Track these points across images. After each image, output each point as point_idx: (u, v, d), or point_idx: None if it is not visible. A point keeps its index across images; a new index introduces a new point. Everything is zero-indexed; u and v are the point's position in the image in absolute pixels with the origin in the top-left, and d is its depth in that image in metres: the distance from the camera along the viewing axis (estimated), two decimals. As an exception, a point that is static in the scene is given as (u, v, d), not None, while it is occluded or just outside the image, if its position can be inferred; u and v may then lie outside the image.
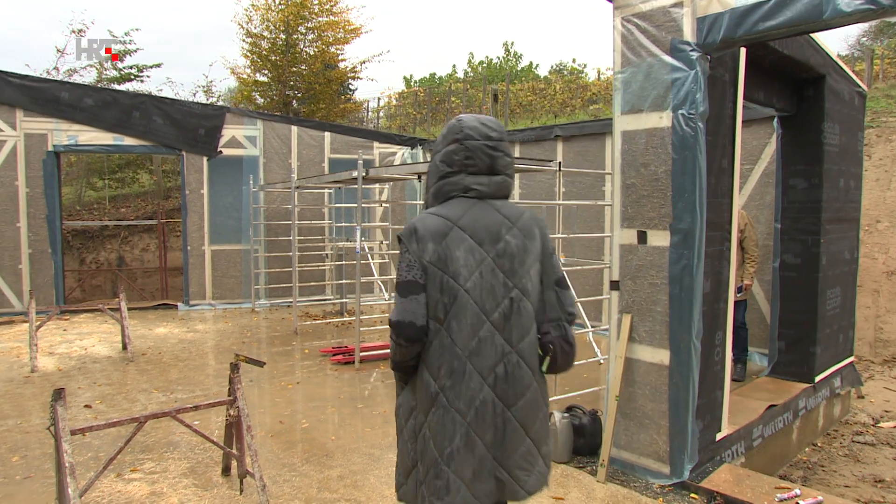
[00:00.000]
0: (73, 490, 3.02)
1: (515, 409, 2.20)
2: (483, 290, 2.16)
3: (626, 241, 4.09)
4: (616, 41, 4.06)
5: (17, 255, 9.95)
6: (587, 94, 19.59)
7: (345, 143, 11.90)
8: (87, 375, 6.58)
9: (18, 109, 9.89)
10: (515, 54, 32.50)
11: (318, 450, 4.56)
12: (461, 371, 2.14)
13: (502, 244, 2.20)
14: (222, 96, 20.73)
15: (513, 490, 2.21)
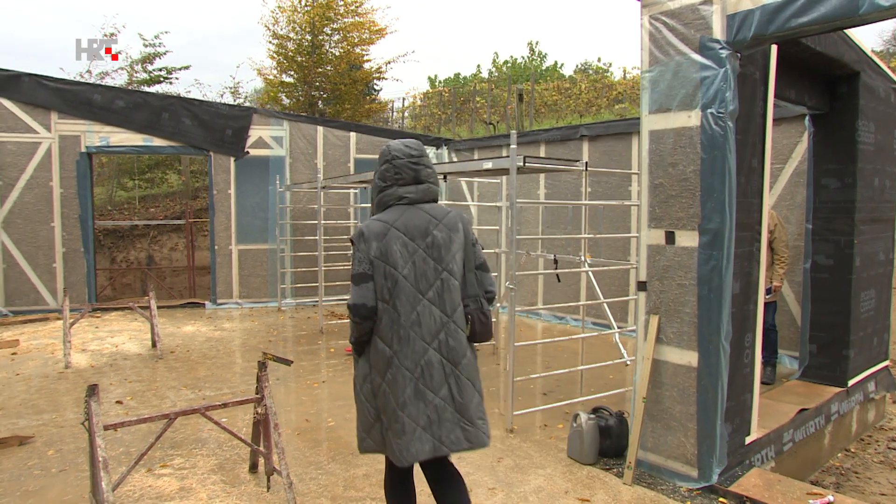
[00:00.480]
0: (106, 484, 3.08)
1: (461, 368, 2.76)
2: (417, 275, 2.73)
3: (654, 241, 4.05)
4: (644, 40, 4.02)
5: (52, 254, 10.18)
6: (613, 93, 19.42)
7: (370, 143, 11.96)
8: (118, 372, 6.70)
9: (53, 112, 10.12)
10: (540, 54, 32.34)
11: (343, 448, 4.59)
12: (406, 338, 2.69)
13: (430, 238, 2.77)
14: (249, 97, 20.96)
15: (478, 437, 2.76)
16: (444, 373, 2.72)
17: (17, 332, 8.72)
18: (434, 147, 12.55)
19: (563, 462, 4.38)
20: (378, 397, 2.77)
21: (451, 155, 12.34)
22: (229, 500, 3.76)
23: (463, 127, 18.09)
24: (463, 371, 2.75)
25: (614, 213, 9.14)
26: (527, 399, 5.85)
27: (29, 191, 10.05)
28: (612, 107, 18.10)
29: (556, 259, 6.52)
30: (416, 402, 2.68)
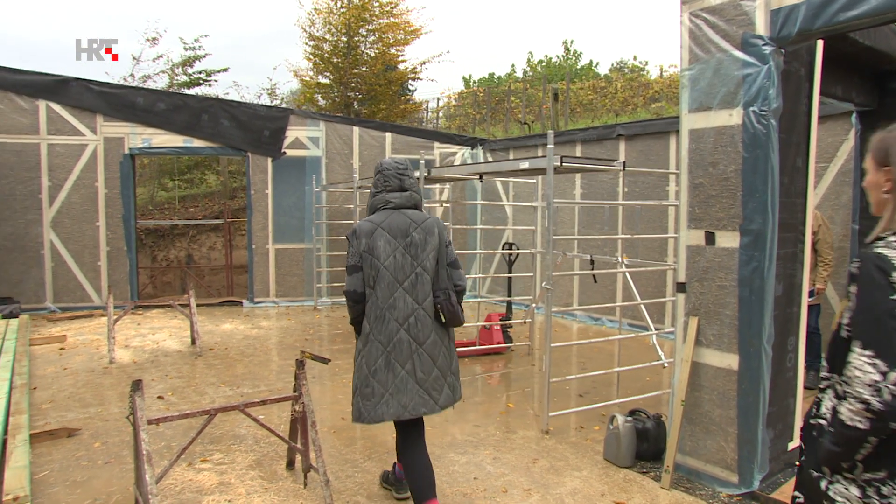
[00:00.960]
0: (150, 477, 3.15)
1: (425, 346, 3.28)
2: (396, 267, 3.26)
3: (694, 242, 3.99)
4: (683, 37, 3.95)
5: (97, 253, 10.47)
6: (649, 91, 19.14)
7: (405, 143, 12.02)
8: (159, 368, 6.86)
9: (98, 115, 10.40)
10: (575, 52, 32.06)
11: (379, 447, 4.62)
12: (382, 318, 3.24)
13: (409, 238, 3.30)
14: (285, 98, 21.24)
15: (430, 405, 3.27)
16: (410, 350, 3.25)
17: (65, 328, 8.99)
18: (469, 147, 12.55)
19: (600, 464, 4.33)
20: (359, 370, 3.32)
21: (487, 155, 12.32)
22: (267, 496, 3.82)
23: (497, 127, 18.04)
24: (426, 350, 3.28)
25: (651, 213, 9.02)
26: (562, 400, 5.81)
27: (76, 191, 10.35)
28: (648, 106, 17.84)
29: (593, 259, 6.46)
30: (387, 372, 3.22)
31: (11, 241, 10.12)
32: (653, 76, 22.90)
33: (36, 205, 10.20)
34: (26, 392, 5.49)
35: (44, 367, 6.88)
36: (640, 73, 25.56)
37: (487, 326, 7.55)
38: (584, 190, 10.08)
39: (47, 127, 10.21)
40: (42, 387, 6.12)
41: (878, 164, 1.84)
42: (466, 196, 12.09)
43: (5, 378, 5.67)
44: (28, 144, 10.14)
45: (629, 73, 25.41)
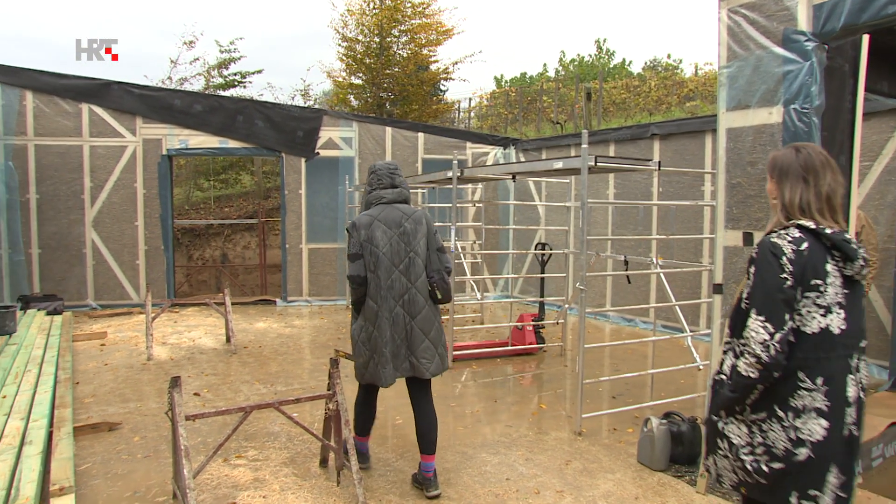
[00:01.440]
0: (188, 471, 3.21)
1: (416, 321, 3.79)
2: (392, 253, 3.78)
3: (731, 242, 3.91)
4: (721, 34, 3.88)
5: (135, 252, 10.71)
6: (683, 90, 18.84)
7: (438, 143, 12.04)
8: (195, 365, 6.98)
9: (138, 117, 10.65)
10: (608, 51, 31.71)
11: (411, 446, 4.63)
12: (383, 297, 3.75)
13: (402, 228, 3.82)
14: (318, 99, 21.45)
15: (420, 370, 3.77)
16: (404, 322, 3.78)
17: (105, 325, 9.22)
18: (501, 147, 12.52)
19: (633, 467, 4.28)
20: (373, 342, 3.77)
21: (519, 155, 12.28)
22: (301, 492, 3.86)
23: (530, 126, 17.96)
24: (417, 323, 3.79)
25: (686, 213, 8.88)
26: (595, 402, 5.76)
27: (116, 192, 10.61)
28: (682, 104, 17.57)
29: (627, 260, 6.39)
30: (391, 342, 3.75)
31: (55, 241, 10.42)
32: (687, 74, 22.55)
33: (78, 205, 10.48)
34: (70, 386, 5.64)
35: (86, 362, 7.06)
36: (674, 71, 25.17)
37: (520, 327, 7.52)
38: (617, 190, 9.97)
39: (89, 129, 10.49)
40: (84, 381, 6.28)
41: (769, 176, 2.35)
42: (499, 196, 12.06)
43: (50, 373, 5.84)
44: (71, 146, 10.42)
45: (663, 72, 25.06)
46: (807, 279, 2.11)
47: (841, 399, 2.11)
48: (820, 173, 2.22)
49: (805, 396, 2.10)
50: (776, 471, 2.11)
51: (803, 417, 2.10)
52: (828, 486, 2.09)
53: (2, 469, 3.65)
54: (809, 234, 2.16)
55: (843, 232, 2.18)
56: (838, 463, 2.10)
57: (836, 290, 2.13)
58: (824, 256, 2.14)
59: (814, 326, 2.11)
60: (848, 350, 2.14)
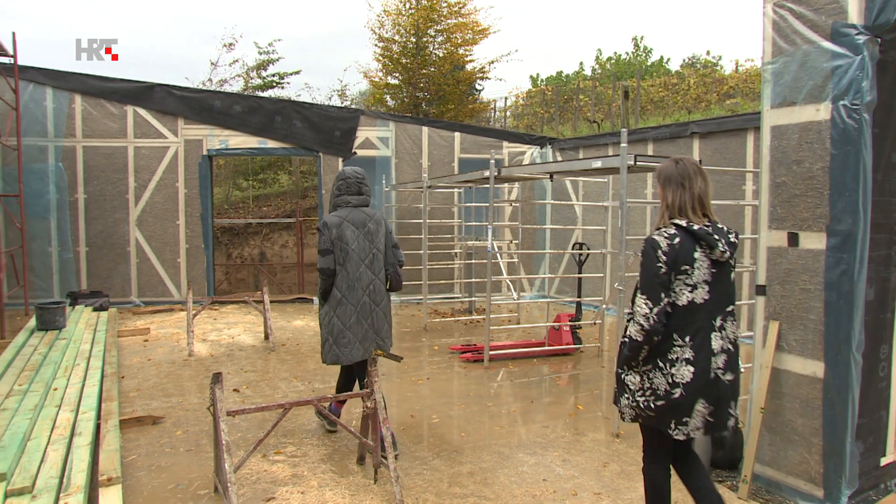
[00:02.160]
0: (229, 466, 3.27)
1: (380, 307, 4.46)
2: (359, 249, 4.36)
3: (775, 243, 3.82)
4: (766, 29, 3.79)
5: (177, 250, 10.96)
6: (723, 87, 18.47)
7: (474, 142, 12.03)
8: (234, 362, 7.11)
9: (180, 118, 10.90)
10: (645, 49, 31.27)
11: (447, 445, 4.65)
12: (351, 287, 4.34)
13: (366, 228, 4.41)
14: (355, 99, 21.63)
15: (384, 348, 4.38)
16: (369, 309, 4.41)
17: (148, 321, 9.45)
18: (538, 146, 12.44)
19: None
20: (331, 326, 4.35)
21: (556, 154, 12.19)
22: (338, 489, 3.89)
23: (566, 125, 17.83)
24: (380, 309, 4.46)
25: (726, 213, 8.70)
26: (632, 404, 5.68)
27: (158, 191, 10.87)
28: (722, 102, 17.22)
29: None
30: (357, 326, 4.36)
31: (102, 239, 10.73)
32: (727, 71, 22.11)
33: (123, 204, 10.77)
34: (116, 380, 5.80)
35: (130, 357, 7.25)
36: (713, 68, 24.71)
37: (556, 327, 7.47)
38: (655, 189, 9.82)
39: (134, 131, 10.78)
40: (129, 376, 6.45)
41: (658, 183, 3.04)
42: (536, 195, 12.00)
43: (97, 367, 6.02)
44: (117, 147, 10.72)
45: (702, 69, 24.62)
46: (678, 265, 2.78)
47: (706, 350, 2.79)
48: (693, 179, 2.90)
49: (677, 351, 2.80)
50: (659, 406, 2.82)
51: (677, 366, 2.79)
52: (696, 413, 2.79)
53: (55, 458, 3.77)
54: (682, 231, 2.83)
55: (709, 226, 2.85)
56: (704, 396, 2.79)
57: (702, 271, 2.81)
58: (693, 247, 2.80)
59: (683, 300, 2.80)
60: (712, 314, 2.83)
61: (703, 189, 2.92)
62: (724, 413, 2.86)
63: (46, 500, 3.27)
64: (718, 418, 2.84)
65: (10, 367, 5.96)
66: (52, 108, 10.55)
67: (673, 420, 2.80)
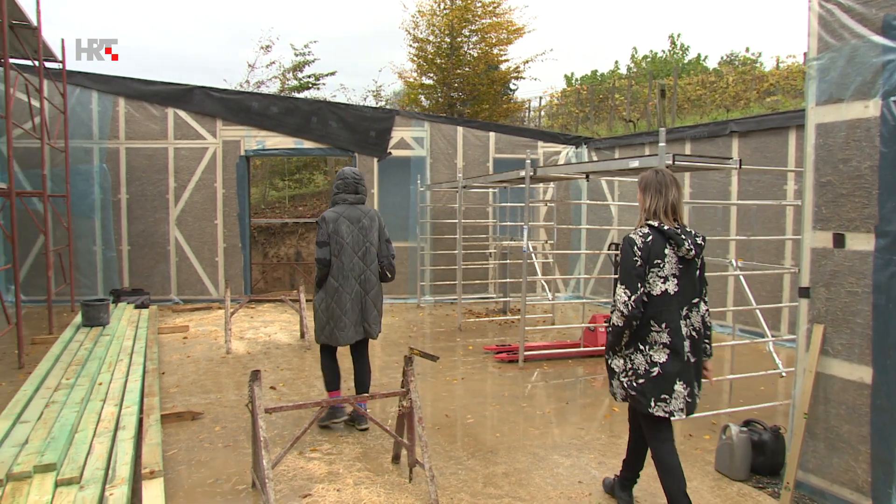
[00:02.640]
0: (266, 462, 3.32)
1: (370, 295, 4.87)
2: (353, 242, 4.79)
3: (819, 244, 3.72)
4: (812, 24, 3.70)
5: (215, 249, 11.17)
6: (763, 85, 18.07)
7: (509, 142, 12.00)
8: (271, 360, 7.21)
9: (218, 119, 11.10)
10: (682, 46, 30.77)
11: (482, 445, 4.64)
12: (345, 276, 4.76)
13: (360, 223, 4.84)
14: (389, 100, 21.75)
15: (371, 333, 4.90)
16: (361, 296, 4.84)
17: (187, 319, 9.64)
18: (573, 146, 12.34)
19: (711, 476, 4.14)
20: (330, 311, 4.78)
21: (591, 154, 12.08)
22: (374, 487, 3.92)
23: (601, 125, 17.65)
24: (370, 297, 4.87)
25: (766, 213, 8.52)
26: (670, 407, 5.60)
27: (197, 191, 11.09)
28: (762, 100, 16.84)
29: (704, 262, 6.17)
30: (351, 311, 4.79)
31: (143, 238, 10.99)
32: (767, 68, 21.63)
33: (163, 204, 11.01)
34: (157, 376, 5.93)
35: (170, 354, 7.41)
36: (752, 65, 24.20)
37: (592, 328, 7.40)
38: (693, 189, 9.67)
39: (174, 132, 11.01)
40: (169, 372, 6.59)
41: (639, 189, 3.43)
42: (571, 195, 11.91)
43: (139, 363, 6.16)
44: (158, 149, 10.97)
45: (741, 67, 24.13)
46: (651, 259, 3.21)
47: (678, 336, 3.21)
48: (669, 188, 3.32)
49: (655, 335, 3.22)
50: (641, 384, 3.25)
51: (655, 349, 3.23)
52: (675, 391, 3.21)
53: (100, 451, 3.88)
54: (654, 230, 3.26)
55: (678, 228, 3.27)
56: (680, 377, 3.21)
57: (671, 266, 3.23)
58: (664, 244, 3.24)
59: (657, 290, 3.22)
60: (681, 304, 3.24)
61: (676, 198, 3.33)
62: (695, 394, 3.30)
63: (93, 490, 3.36)
64: (693, 398, 3.26)
65: (58, 362, 6.14)
66: (98, 111, 10.85)
67: (653, 397, 3.22)
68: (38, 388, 5.25)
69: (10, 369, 6.68)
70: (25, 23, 8.12)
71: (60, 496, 3.33)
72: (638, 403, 3.28)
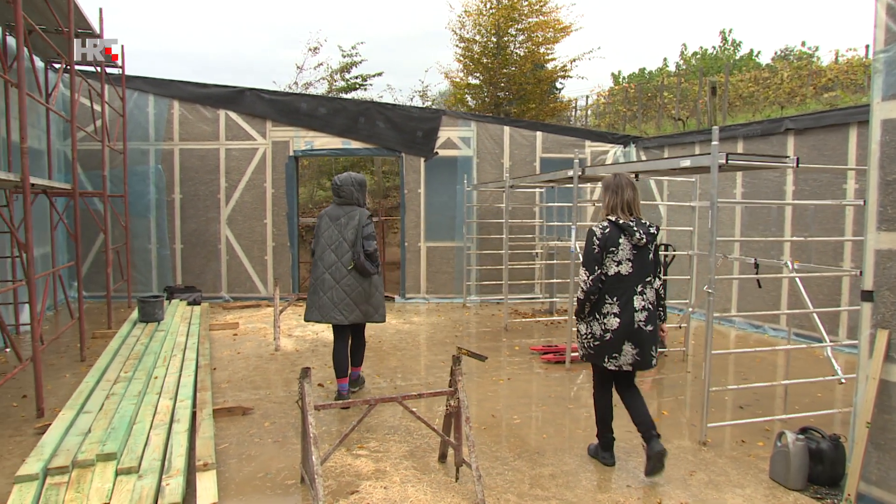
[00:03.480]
0: (316, 458, 3.37)
1: (340, 284, 5.43)
2: (328, 237, 5.50)
3: (885, 245, 3.58)
4: (879, 14, 3.55)
5: (264, 248, 11.40)
6: (821, 80, 17.47)
7: (556, 142, 11.90)
8: (318, 357, 7.31)
9: (268, 121, 11.32)
10: (734, 42, 29.99)
11: (528, 446, 4.61)
12: (316, 265, 5.53)
13: (339, 221, 5.51)
14: (436, 100, 21.82)
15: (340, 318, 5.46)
16: (330, 285, 5.46)
17: (237, 316, 9.87)
18: (621, 145, 12.15)
19: (765, 483, 4.03)
20: (311, 293, 5.56)
21: (640, 153, 11.88)
22: (420, 486, 3.93)
23: (649, 124, 17.35)
24: (340, 286, 5.45)
25: (824, 213, 8.23)
26: (719, 411, 5.47)
27: (247, 191, 11.34)
28: (819, 95, 16.28)
29: (757, 263, 6.01)
30: (315, 296, 5.51)
31: (195, 237, 11.30)
32: (825, 63, 20.90)
33: (215, 204, 11.30)
34: (209, 372, 6.09)
35: (221, 350, 7.59)
36: (809, 60, 23.42)
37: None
38: (745, 189, 9.41)
39: (225, 133, 11.28)
40: (220, 368, 6.75)
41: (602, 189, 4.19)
42: (617, 195, 11.72)
43: (192, 358, 6.33)
44: (210, 150, 11.26)
45: (796, 62, 23.38)
46: (607, 247, 4.02)
47: (630, 308, 4.01)
48: (625, 189, 4.11)
49: (608, 307, 4.02)
50: (595, 345, 4.07)
51: (608, 317, 4.02)
52: (625, 352, 4.01)
53: (157, 442, 4.00)
54: (612, 224, 4.06)
55: (632, 221, 4.04)
56: (629, 340, 4.00)
57: (625, 252, 4.02)
58: (619, 235, 4.03)
59: (611, 272, 4.02)
60: (634, 283, 4.03)
61: (632, 197, 4.12)
62: (648, 354, 4.06)
63: (151, 480, 3.47)
64: (643, 357, 4.04)
65: (117, 356, 6.37)
66: (154, 114, 11.21)
67: (606, 355, 4.04)
68: (99, 381, 5.46)
69: (74, 361, 6.96)
70: (90, 31, 8.45)
71: (121, 484, 3.45)
72: (595, 359, 4.12)
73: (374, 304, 5.56)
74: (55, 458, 3.73)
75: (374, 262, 5.51)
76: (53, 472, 3.57)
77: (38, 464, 3.60)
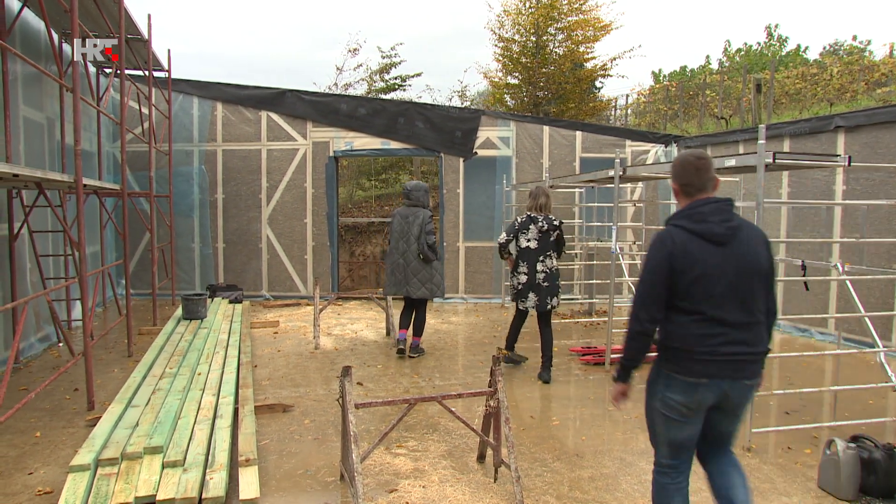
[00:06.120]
0: (356, 456, 3.40)
1: (410, 268, 7.00)
2: (398, 230, 7.13)
3: (942, 248, 3.45)
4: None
5: (304, 247, 11.56)
6: (874, 75, 16.88)
7: (596, 141, 11.77)
8: (357, 356, 7.38)
9: (308, 121, 11.47)
10: (780, 38, 29.20)
11: (568, 449, 4.57)
12: (391, 252, 7.20)
13: (407, 219, 7.09)
14: (474, 100, 21.82)
15: (410, 293, 7.02)
16: (402, 266, 7.00)
17: (277, 315, 10.02)
18: (662, 144, 11.95)
19: (813, 493, 3.92)
20: (388, 274, 7.15)
21: (681, 152, 11.65)
22: (459, 486, 3.94)
23: (691, 122, 17.04)
24: (409, 268, 6.96)
25: (876, 214, 7.96)
26: (764, 416, 5.34)
27: (288, 191, 11.51)
28: (871, 91, 15.74)
29: (804, 265, 5.84)
30: (391, 276, 7.12)
31: (237, 236, 11.52)
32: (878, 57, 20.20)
33: (256, 204, 11.50)
34: (250, 369, 6.20)
35: (262, 347, 7.72)
36: (860, 54, 22.69)
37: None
38: (792, 189, 9.16)
39: (267, 134, 11.47)
40: (261, 365, 6.87)
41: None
42: (659, 196, 11.55)
43: (234, 355, 6.46)
44: (251, 150, 11.47)
45: (846, 57, 22.67)
46: (521, 230, 6.25)
47: (533, 270, 6.19)
48: (539, 196, 6.32)
49: (520, 267, 6.27)
50: (514, 293, 6.36)
51: (519, 276, 6.27)
52: (529, 297, 6.24)
53: (200, 437, 4.09)
54: (526, 216, 6.27)
55: (539, 216, 6.22)
56: (533, 291, 6.22)
57: (533, 234, 6.19)
58: (529, 223, 6.22)
59: (522, 245, 6.24)
60: (538, 255, 6.18)
61: (545, 202, 6.32)
62: (544, 301, 6.22)
63: (195, 474, 3.55)
64: (541, 303, 6.22)
65: (162, 352, 6.54)
66: (198, 116, 11.46)
67: (519, 299, 6.29)
68: (146, 376, 5.61)
69: (121, 357, 7.17)
70: (138, 36, 8.70)
71: (167, 477, 3.54)
72: (515, 301, 6.36)
73: (435, 282, 7.06)
74: (105, 449, 3.85)
75: (434, 251, 6.96)
76: (104, 463, 3.69)
77: (89, 455, 3.72)
